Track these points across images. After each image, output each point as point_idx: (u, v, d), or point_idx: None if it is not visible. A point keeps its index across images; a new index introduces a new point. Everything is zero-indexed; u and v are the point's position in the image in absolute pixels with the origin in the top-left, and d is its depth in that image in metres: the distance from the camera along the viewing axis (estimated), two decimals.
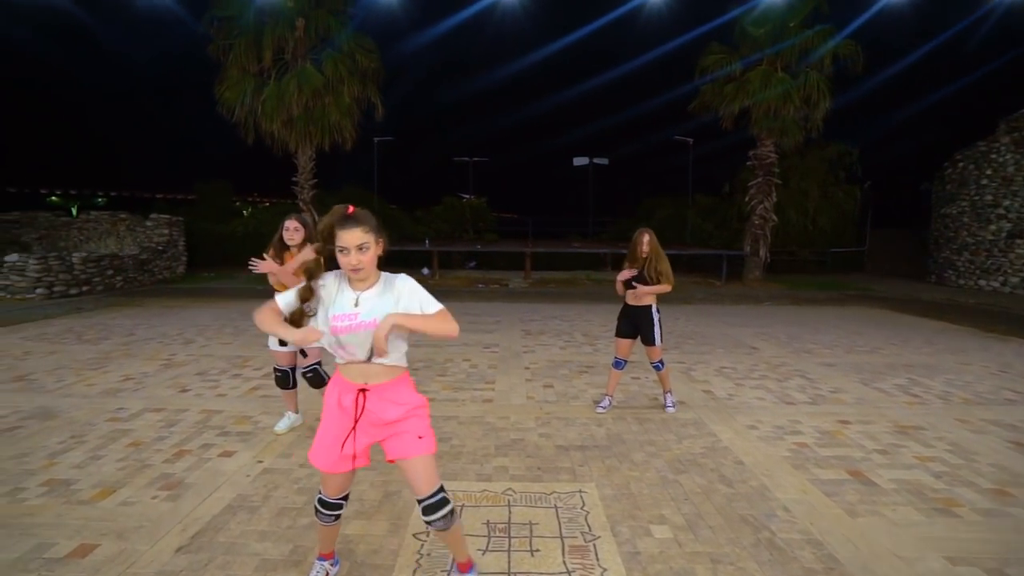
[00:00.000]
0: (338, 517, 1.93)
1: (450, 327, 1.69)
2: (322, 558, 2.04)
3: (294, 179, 13.98)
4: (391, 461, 1.81)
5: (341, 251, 1.64)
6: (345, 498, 1.92)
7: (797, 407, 4.31)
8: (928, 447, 3.50)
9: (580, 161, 22.89)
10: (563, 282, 14.76)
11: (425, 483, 1.76)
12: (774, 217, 14.51)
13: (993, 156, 13.67)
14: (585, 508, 2.65)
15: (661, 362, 3.94)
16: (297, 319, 1.72)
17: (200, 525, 2.47)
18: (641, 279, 3.74)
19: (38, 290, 10.29)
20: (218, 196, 19.30)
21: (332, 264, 1.75)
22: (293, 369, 3.52)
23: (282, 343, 3.35)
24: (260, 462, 3.16)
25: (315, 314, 1.74)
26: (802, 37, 12.62)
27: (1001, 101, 14.91)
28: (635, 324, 3.86)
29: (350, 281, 1.72)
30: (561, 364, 5.62)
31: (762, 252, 14.45)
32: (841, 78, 13.49)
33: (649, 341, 3.84)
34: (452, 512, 1.80)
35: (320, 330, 1.70)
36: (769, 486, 2.91)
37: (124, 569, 2.14)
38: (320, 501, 1.90)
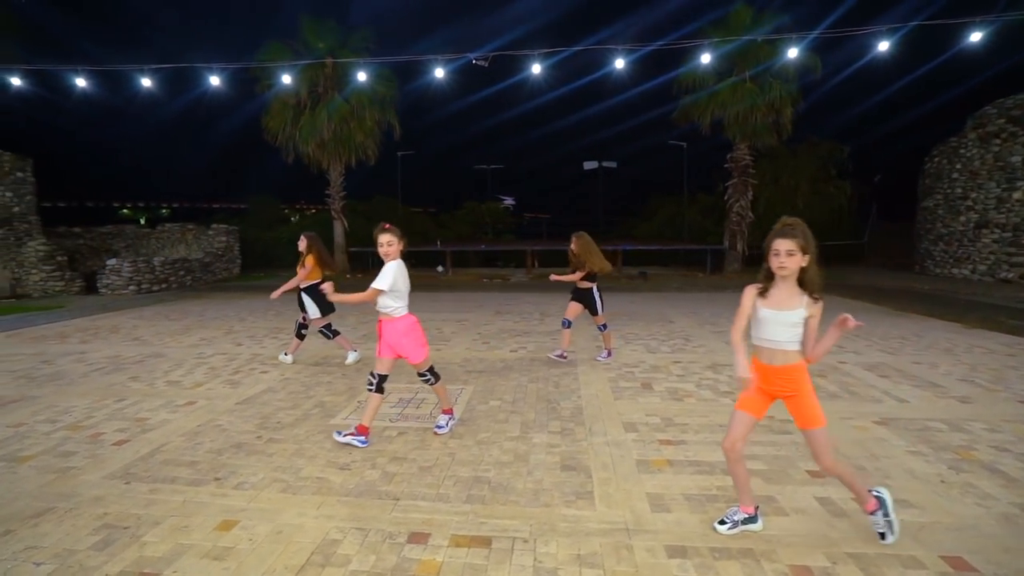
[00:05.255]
0: (377, 387, 3.42)
1: (365, 295, 3.43)
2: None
3: (327, 192, 16.47)
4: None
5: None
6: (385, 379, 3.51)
7: (657, 355, 6.06)
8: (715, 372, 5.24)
9: (590, 165, 24.50)
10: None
11: (421, 367, 3.53)
12: (751, 214, 15.83)
13: (962, 151, 14.53)
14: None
15: (604, 325, 5.61)
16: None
17: (252, 394, 4.58)
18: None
19: (130, 287, 13.07)
20: (266, 207, 22.25)
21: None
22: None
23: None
24: (284, 376, 5.28)
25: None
26: (758, 46, 13.92)
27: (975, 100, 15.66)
28: (581, 300, 5.54)
29: None
30: (506, 332, 7.53)
31: (739, 246, 15.82)
32: (807, 85, 14.70)
33: (593, 312, 5.51)
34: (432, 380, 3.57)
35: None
36: (580, 381, 4.76)
37: (234, 398, 4.25)
38: (373, 375, 3.48)
